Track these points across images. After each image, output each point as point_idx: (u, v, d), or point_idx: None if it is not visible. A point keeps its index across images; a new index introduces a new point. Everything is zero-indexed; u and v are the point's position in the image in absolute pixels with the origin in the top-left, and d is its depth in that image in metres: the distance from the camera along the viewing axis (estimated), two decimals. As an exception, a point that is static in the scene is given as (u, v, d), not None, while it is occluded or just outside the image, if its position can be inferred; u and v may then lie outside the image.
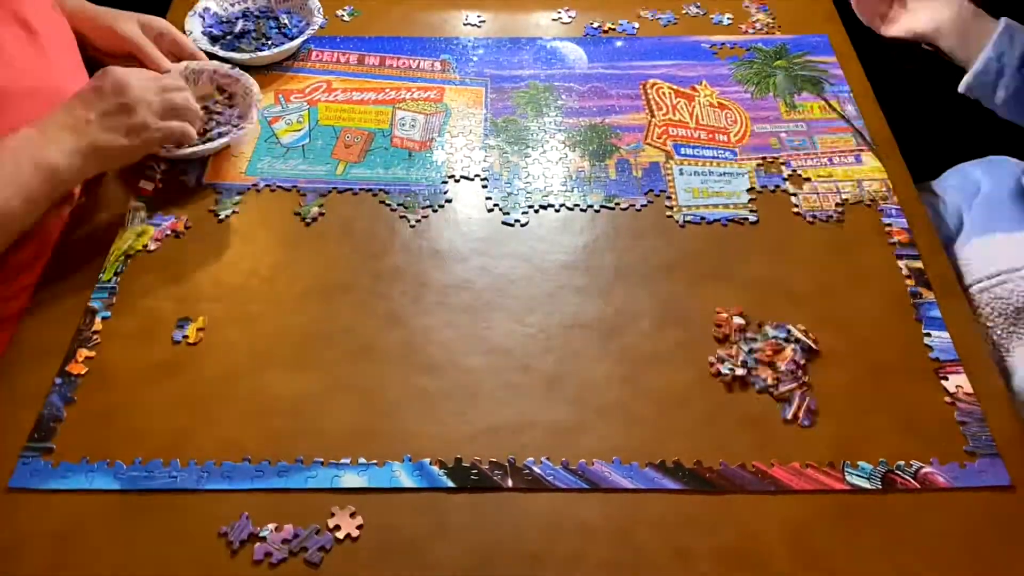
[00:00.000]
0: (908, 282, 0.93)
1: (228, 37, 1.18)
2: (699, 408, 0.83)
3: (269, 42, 1.18)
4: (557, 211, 1.00)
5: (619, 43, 1.23)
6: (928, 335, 0.88)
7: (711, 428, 0.81)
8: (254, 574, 0.72)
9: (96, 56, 1.09)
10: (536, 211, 1.00)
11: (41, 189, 0.85)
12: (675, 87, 1.16)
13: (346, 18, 1.27)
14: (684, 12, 1.28)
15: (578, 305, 0.91)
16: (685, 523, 0.75)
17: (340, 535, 0.74)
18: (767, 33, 1.24)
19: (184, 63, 1.09)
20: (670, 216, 1.00)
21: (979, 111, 1.02)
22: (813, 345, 0.86)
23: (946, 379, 0.85)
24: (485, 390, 0.84)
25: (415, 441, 0.80)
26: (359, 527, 0.74)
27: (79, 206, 0.99)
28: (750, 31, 1.25)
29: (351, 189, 1.03)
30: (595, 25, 1.26)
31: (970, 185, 1.11)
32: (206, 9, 1.20)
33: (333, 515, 0.75)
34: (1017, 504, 0.76)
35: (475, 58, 1.21)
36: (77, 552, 0.73)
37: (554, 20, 1.27)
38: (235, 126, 1.05)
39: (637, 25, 1.25)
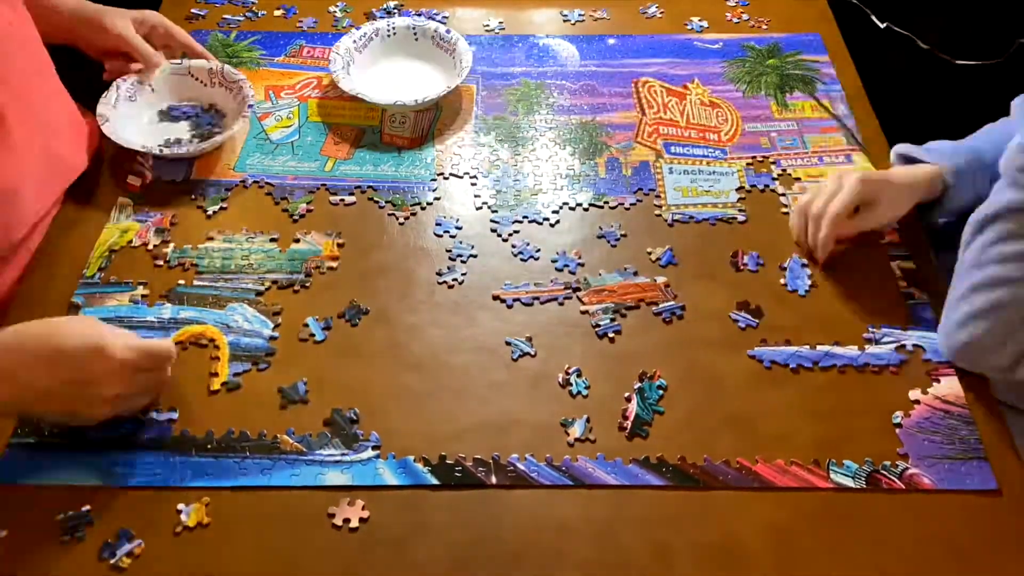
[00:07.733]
0: (900, 283, 0.92)
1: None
2: (684, 405, 0.82)
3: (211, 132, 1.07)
4: (545, 209, 1.00)
5: (612, 40, 1.23)
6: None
7: (695, 425, 0.81)
8: (256, 574, 0.72)
9: (92, 57, 1.08)
10: (524, 208, 1.00)
11: None
12: (667, 85, 1.16)
13: (339, 15, 1.26)
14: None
15: (565, 303, 0.91)
16: (666, 521, 0.75)
17: (352, 524, 0.74)
18: (760, 31, 1.24)
19: (183, 60, 1.09)
20: (659, 215, 0.99)
21: (973, 113, 1.01)
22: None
23: (938, 381, 0.84)
24: (470, 388, 0.84)
25: (399, 438, 0.80)
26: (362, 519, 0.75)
27: (63, 205, 0.98)
28: (735, 20, 1.25)
29: (340, 186, 1.02)
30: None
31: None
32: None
33: (333, 515, 0.75)
34: (1002, 508, 0.76)
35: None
36: (67, 545, 0.72)
37: (565, 21, 1.27)
38: (219, 130, 1.05)
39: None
